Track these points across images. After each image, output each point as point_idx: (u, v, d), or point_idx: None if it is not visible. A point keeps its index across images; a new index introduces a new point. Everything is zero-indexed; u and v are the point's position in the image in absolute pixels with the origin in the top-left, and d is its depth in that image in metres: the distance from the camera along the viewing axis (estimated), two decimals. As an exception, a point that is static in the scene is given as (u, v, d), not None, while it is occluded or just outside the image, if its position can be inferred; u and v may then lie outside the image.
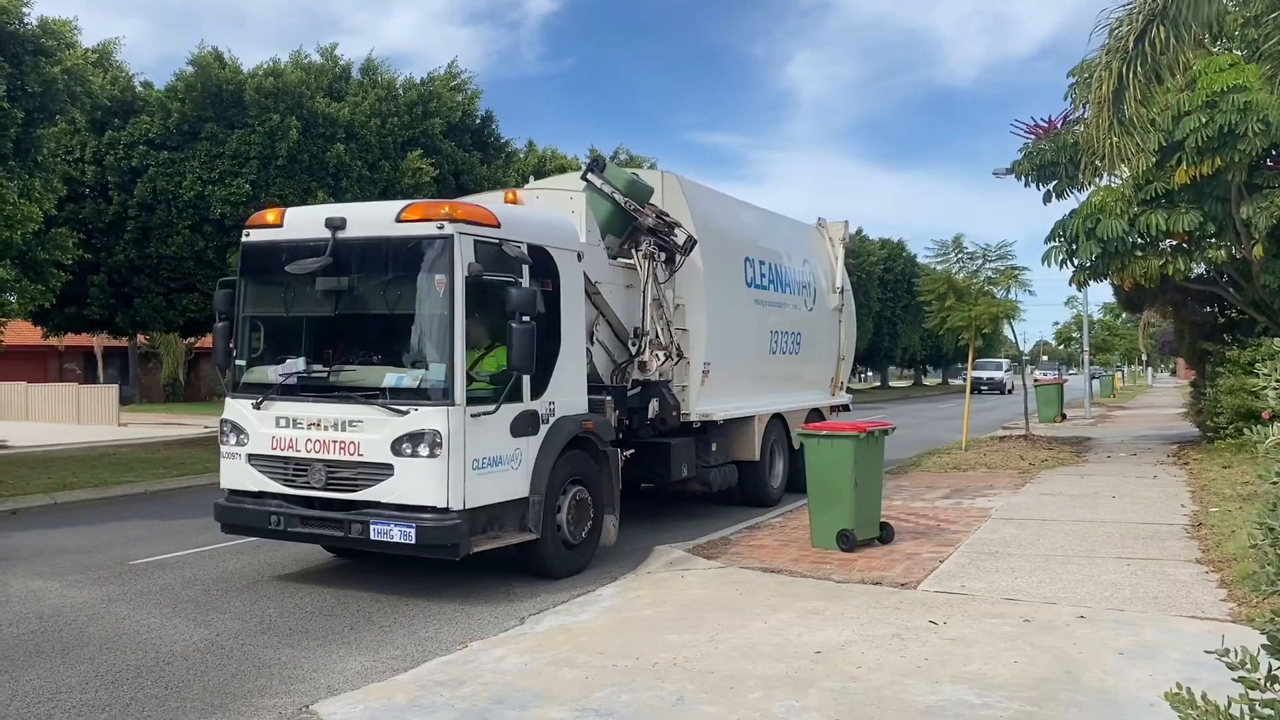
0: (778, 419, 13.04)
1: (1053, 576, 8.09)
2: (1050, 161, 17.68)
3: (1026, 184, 18.13)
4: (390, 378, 7.82)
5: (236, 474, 8.30)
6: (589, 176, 10.53)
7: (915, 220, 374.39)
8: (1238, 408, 16.28)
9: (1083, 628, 6.59)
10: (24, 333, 31.89)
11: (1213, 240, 16.53)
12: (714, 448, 11.58)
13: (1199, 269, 18.02)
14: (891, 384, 72.11)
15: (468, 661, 6.15)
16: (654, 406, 10.24)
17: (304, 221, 8.22)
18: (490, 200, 10.25)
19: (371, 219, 7.96)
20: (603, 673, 5.79)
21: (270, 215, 8.45)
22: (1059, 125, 17.70)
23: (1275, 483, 2.94)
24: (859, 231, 53.88)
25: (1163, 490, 13.09)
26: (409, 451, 7.45)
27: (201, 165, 19.80)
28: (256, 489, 8.18)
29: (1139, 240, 16.52)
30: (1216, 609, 6.98)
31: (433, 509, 7.42)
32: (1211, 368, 18.48)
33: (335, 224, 7.86)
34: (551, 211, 9.51)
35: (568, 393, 8.69)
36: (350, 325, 8.34)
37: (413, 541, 7.38)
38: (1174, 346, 31.34)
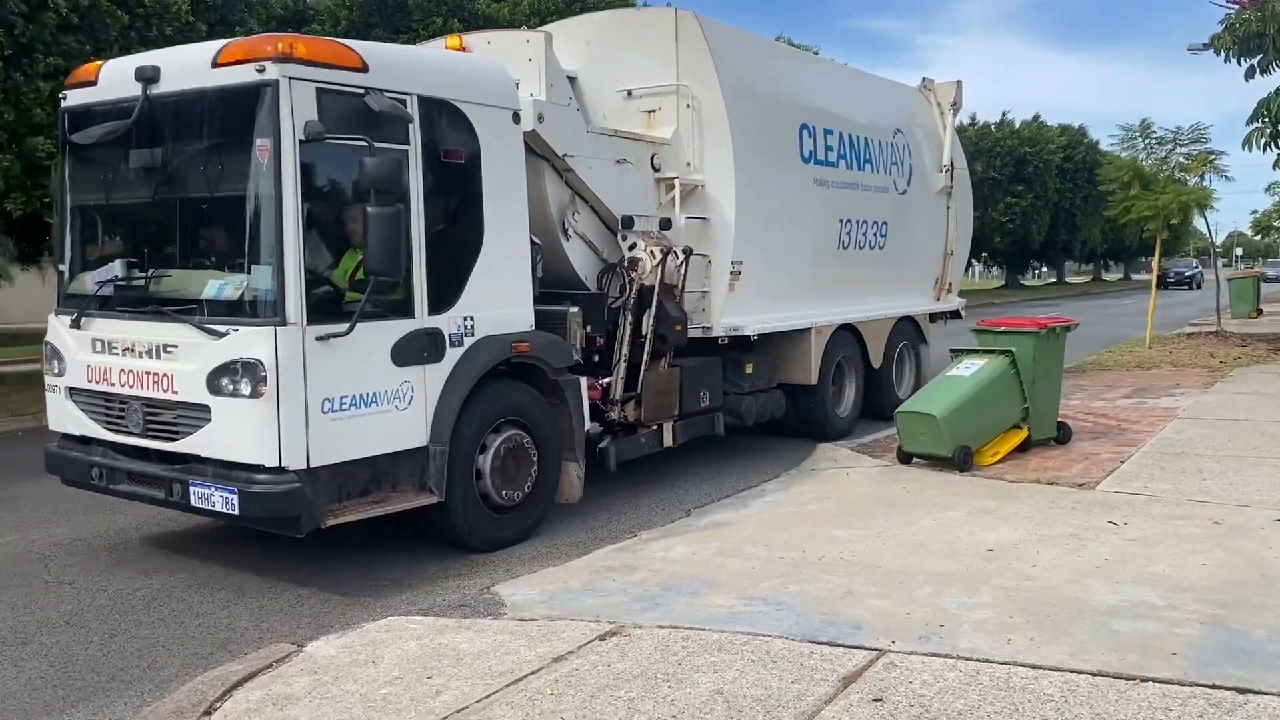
0: (848, 332, 10.45)
1: (1245, 479, 7.64)
2: (1255, 33, 16.08)
3: (1226, 60, 16.61)
4: (211, 286, 5.79)
5: (59, 412, 6.58)
6: None
7: (1098, 105, 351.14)
8: None
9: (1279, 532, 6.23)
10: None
11: None
12: (748, 369, 9.20)
13: None
14: (1068, 279, 68.73)
15: (637, 550, 6.33)
16: (648, 321, 7.83)
17: (120, 76, 6.15)
18: (430, 46, 8.40)
19: (187, 67, 5.86)
20: (769, 564, 5.86)
21: (89, 70, 6.48)
22: (1268, -9, 16.08)
23: None
24: (1036, 118, 50.99)
25: (1374, 390, 12.11)
26: (229, 389, 5.49)
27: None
28: (79, 432, 6.45)
29: (1357, 117, 14.98)
30: None
31: (261, 468, 5.50)
32: None
33: (146, 76, 5.87)
34: (479, 57, 7.31)
35: (496, 304, 6.54)
36: (172, 214, 6.30)
37: (236, 511, 5.55)
38: (1393, 235, 28.59)
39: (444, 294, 6.20)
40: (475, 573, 6.17)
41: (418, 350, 6.03)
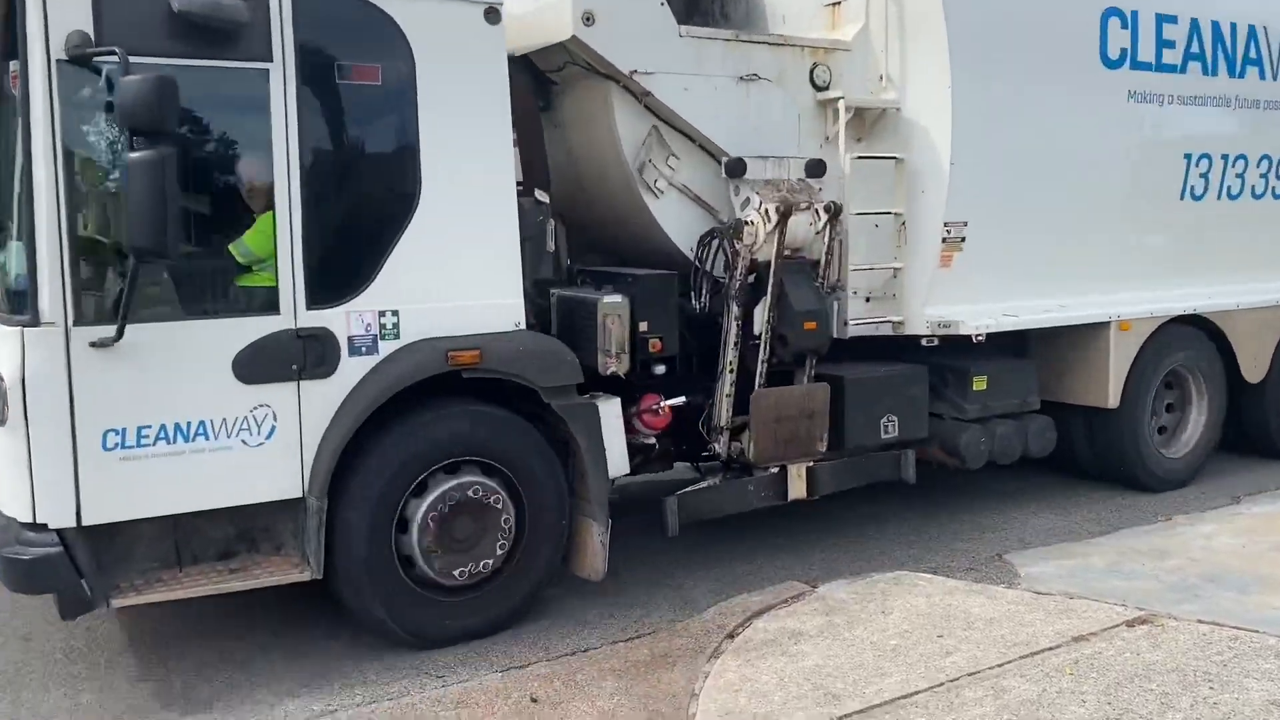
0: (1193, 327, 6.99)
1: None
2: None
3: None
4: (10, 270, 4.34)
5: None
6: None
7: None
8: None
9: None
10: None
11: None
12: (977, 384, 6.12)
13: None
14: None
15: (1171, 534, 5.81)
16: (764, 313, 5.36)
17: None
18: None
19: None
20: (1343, 568, 5.05)
21: None
22: None
23: None
24: None
25: None
26: None
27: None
28: None
29: None
30: None
31: (20, 524, 4.02)
32: None
33: None
34: None
35: (443, 292, 4.54)
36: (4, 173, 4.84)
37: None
38: None
39: (339, 279, 4.37)
40: (985, 539, 6.01)
41: (282, 361, 4.24)
